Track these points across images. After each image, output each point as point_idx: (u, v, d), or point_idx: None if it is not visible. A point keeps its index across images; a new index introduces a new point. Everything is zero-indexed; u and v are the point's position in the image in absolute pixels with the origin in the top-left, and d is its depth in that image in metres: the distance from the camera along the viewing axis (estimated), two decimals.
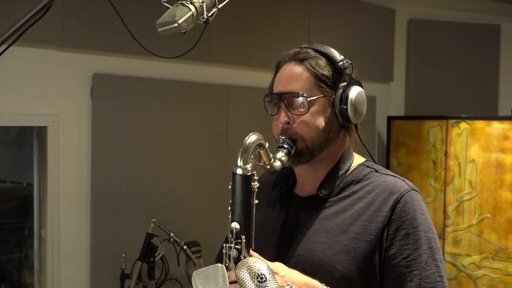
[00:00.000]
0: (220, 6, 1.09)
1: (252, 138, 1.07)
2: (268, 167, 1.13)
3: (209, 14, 1.07)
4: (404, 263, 1.09)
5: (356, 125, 1.25)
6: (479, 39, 4.55)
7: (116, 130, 2.87)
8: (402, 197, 1.13)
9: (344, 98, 1.19)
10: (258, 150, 1.10)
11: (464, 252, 3.74)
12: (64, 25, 2.66)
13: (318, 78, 1.19)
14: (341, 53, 1.24)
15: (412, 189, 1.16)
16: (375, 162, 1.29)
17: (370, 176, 1.21)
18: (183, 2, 1.03)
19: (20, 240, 2.98)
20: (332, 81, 1.20)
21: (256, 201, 1.08)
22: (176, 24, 1.01)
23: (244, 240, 1.05)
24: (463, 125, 3.76)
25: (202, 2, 1.05)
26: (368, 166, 1.24)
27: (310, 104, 1.17)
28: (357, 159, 1.27)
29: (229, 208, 1.07)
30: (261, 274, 0.94)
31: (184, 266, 2.87)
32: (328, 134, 1.19)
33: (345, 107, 1.18)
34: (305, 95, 1.17)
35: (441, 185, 3.83)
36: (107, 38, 2.80)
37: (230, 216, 1.07)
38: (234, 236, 1.05)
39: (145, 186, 2.98)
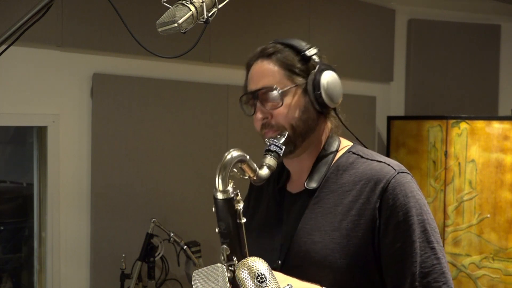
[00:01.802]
0: (220, 6, 1.09)
1: (232, 153, 1.01)
2: (255, 178, 1.09)
3: (209, 14, 1.07)
4: (399, 251, 1.08)
5: (335, 109, 1.24)
6: (479, 39, 4.55)
7: (116, 130, 2.87)
8: (388, 184, 1.11)
9: (316, 84, 1.18)
10: (240, 165, 1.05)
11: (464, 252, 3.74)
12: (64, 25, 2.66)
13: (288, 69, 1.19)
14: (307, 43, 1.23)
15: (398, 172, 1.14)
16: (363, 144, 1.27)
17: (355, 163, 1.20)
18: (183, 2, 1.03)
19: (20, 240, 2.98)
20: (302, 69, 1.20)
21: (244, 220, 1.02)
22: (176, 24, 1.01)
23: (237, 262, 1.01)
24: (463, 125, 3.76)
25: (202, 2, 1.05)
26: (353, 153, 1.23)
27: (283, 95, 1.17)
28: (343, 143, 1.26)
29: (217, 230, 1.03)
30: (261, 274, 0.94)
31: (184, 266, 2.87)
32: (306, 123, 1.19)
33: (319, 92, 1.17)
34: (277, 87, 1.17)
35: (441, 185, 3.83)
36: (107, 38, 2.80)
37: (220, 239, 1.03)
38: (225, 259, 1.02)
39: (145, 186, 2.98)
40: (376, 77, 4.28)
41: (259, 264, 0.95)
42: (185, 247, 2.79)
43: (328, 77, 1.18)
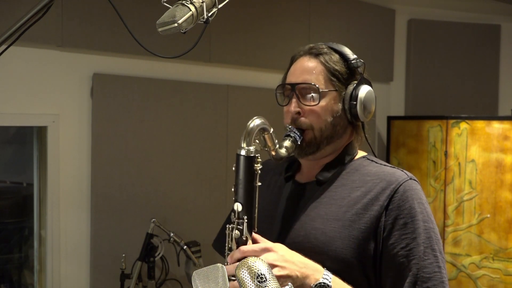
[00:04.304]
0: (220, 6, 1.10)
1: (256, 121, 1.10)
2: (273, 153, 1.16)
3: (209, 14, 1.07)
4: (402, 252, 1.09)
5: (363, 124, 1.28)
6: (479, 39, 4.55)
7: (116, 130, 2.87)
8: (400, 186, 1.14)
9: (354, 95, 1.22)
10: (263, 134, 1.13)
11: (464, 252, 3.74)
12: (64, 25, 2.66)
13: (331, 73, 1.22)
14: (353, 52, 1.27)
15: (410, 179, 1.17)
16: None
17: (369, 166, 1.23)
18: (183, 2, 1.03)
19: (20, 240, 2.98)
20: (345, 77, 1.23)
21: (259, 183, 1.10)
22: (176, 24, 1.01)
23: (246, 221, 1.06)
24: (463, 125, 3.76)
25: (202, 2, 1.05)
26: (368, 159, 1.27)
27: (321, 96, 1.20)
28: (359, 154, 1.30)
29: (232, 189, 1.09)
30: (261, 274, 0.94)
31: (184, 266, 2.87)
32: (335, 128, 1.22)
33: (355, 103, 1.21)
34: (317, 86, 1.20)
35: (441, 185, 3.83)
36: (107, 38, 2.80)
37: (233, 198, 1.09)
38: (236, 216, 1.06)
39: (145, 186, 2.98)
40: (376, 77, 4.28)
41: (259, 264, 0.95)
42: (185, 247, 2.79)
43: (366, 92, 1.22)
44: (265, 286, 0.92)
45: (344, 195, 1.18)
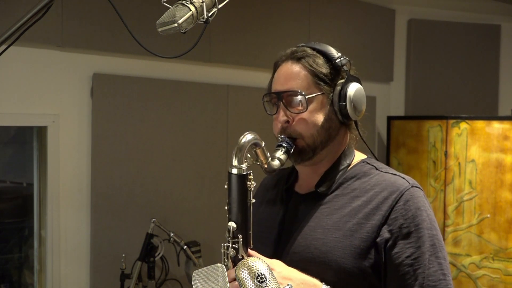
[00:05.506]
0: (220, 6, 1.09)
1: (247, 137, 1.07)
2: (266, 166, 1.14)
3: (209, 14, 1.07)
4: (407, 261, 1.09)
5: (356, 122, 1.25)
6: (479, 39, 4.55)
7: (116, 130, 2.87)
8: (402, 195, 1.13)
9: (342, 95, 1.18)
10: (255, 149, 1.11)
11: (464, 252, 3.74)
12: (64, 25, 2.66)
13: (316, 76, 1.18)
14: (338, 50, 1.24)
15: (412, 186, 1.15)
16: (376, 159, 1.28)
17: (369, 173, 1.21)
18: (183, 2, 1.03)
19: (20, 240, 2.98)
20: (330, 78, 1.20)
21: (253, 200, 1.08)
22: (176, 24, 1.01)
23: (241, 239, 1.05)
24: (463, 125, 3.76)
25: (202, 2, 1.05)
26: (368, 163, 1.24)
27: (309, 102, 1.17)
28: (358, 156, 1.27)
29: (226, 207, 1.08)
30: (261, 274, 0.94)
31: (184, 266, 2.87)
32: (328, 132, 1.19)
33: (344, 103, 1.18)
34: (303, 93, 1.17)
35: (441, 185, 3.83)
36: (107, 38, 2.80)
37: (227, 216, 1.08)
38: (231, 236, 1.05)
39: (145, 186, 2.98)
40: (376, 77, 4.28)
41: (259, 264, 0.95)
42: (185, 247, 2.79)
43: (355, 90, 1.19)
44: (265, 286, 0.92)
45: (344, 205, 1.17)
